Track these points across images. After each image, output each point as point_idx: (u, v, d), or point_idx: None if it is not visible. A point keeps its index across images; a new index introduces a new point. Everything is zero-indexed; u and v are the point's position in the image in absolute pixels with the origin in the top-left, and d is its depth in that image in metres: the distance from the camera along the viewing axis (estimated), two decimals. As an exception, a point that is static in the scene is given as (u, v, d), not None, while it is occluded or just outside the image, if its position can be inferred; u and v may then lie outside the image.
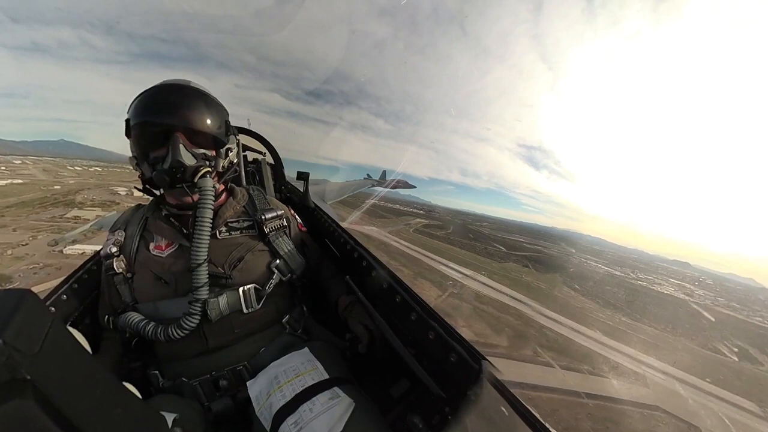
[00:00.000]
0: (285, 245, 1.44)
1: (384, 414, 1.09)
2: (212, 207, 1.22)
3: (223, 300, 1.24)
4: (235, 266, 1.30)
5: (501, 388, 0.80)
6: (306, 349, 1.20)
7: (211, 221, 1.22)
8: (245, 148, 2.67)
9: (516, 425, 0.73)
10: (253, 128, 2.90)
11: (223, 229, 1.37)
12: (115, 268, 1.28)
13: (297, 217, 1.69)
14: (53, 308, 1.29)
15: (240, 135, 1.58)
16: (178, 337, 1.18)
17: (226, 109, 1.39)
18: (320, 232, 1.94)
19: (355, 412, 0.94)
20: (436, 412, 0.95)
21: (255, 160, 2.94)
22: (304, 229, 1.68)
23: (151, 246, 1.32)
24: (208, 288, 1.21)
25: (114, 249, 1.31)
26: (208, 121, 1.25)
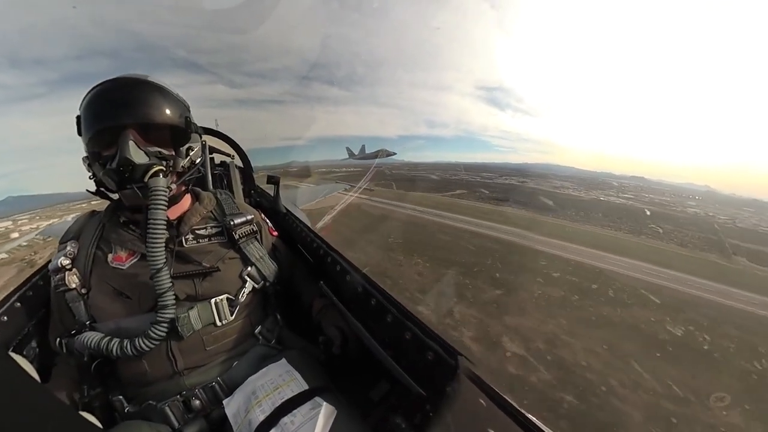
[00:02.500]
0: (256, 251, 1.39)
1: (366, 417, 1.10)
2: (165, 208, 1.12)
3: (194, 314, 1.17)
4: (205, 277, 1.23)
5: (478, 380, 0.84)
6: (283, 360, 1.16)
7: (165, 222, 1.12)
8: (213, 150, 2.56)
9: (495, 414, 0.78)
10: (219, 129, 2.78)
11: (190, 236, 1.29)
12: (67, 284, 1.15)
13: (268, 221, 1.64)
14: None
15: (207, 136, 1.51)
16: (147, 349, 1.08)
17: (186, 105, 1.30)
18: (292, 237, 1.91)
19: (337, 419, 0.94)
20: (417, 411, 0.96)
21: (223, 163, 2.83)
22: (275, 233, 1.63)
23: (110, 257, 1.20)
24: (173, 294, 1.12)
25: (66, 262, 1.18)
26: (165, 117, 1.16)
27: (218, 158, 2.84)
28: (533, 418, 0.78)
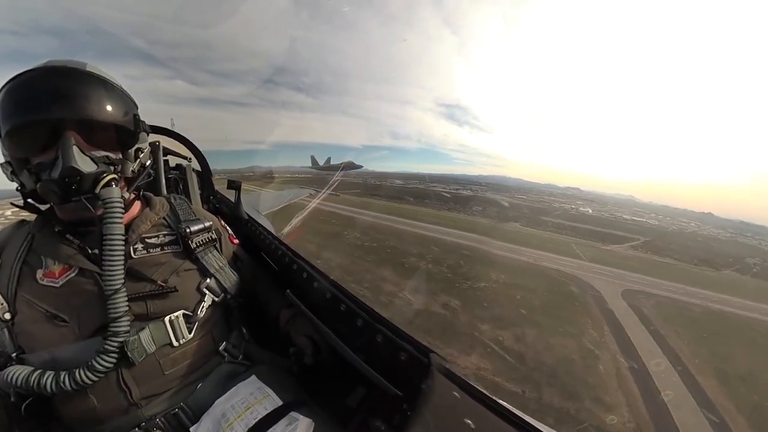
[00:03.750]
0: (216, 261, 1.29)
1: (345, 425, 1.08)
2: (121, 221, 1.00)
3: (145, 335, 1.04)
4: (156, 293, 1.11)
5: (450, 375, 0.87)
6: (253, 376, 1.10)
7: (123, 237, 1.01)
8: (167, 152, 2.35)
9: (469, 404, 0.83)
10: (175, 130, 2.58)
11: (139, 246, 1.14)
12: None
13: (228, 228, 1.54)
14: None
15: (161, 137, 1.38)
16: (90, 382, 0.93)
17: (133, 101, 1.16)
18: (255, 244, 1.82)
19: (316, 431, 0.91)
20: (395, 412, 0.96)
21: (178, 167, 2.63)
22: (236, 241, 1.54)
23: (40, 273, 1.03)
24: (128, 319, 1.00)
25: None
26: (111, 114, 1.02)
27: (173, 161, 2.63)
28: (503, 403, 0.85)
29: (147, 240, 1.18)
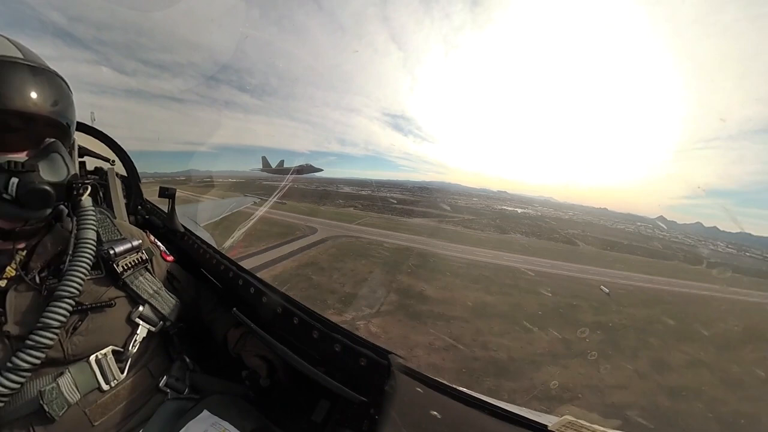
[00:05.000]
0: (148, 285, 1.14)
1: None
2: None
3: (65, 382, 0.88)
4: (75, 328, 0.93)
5: (410, 372, 0.90)
6: (205, 411, 1.00)
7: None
8: (83, 152, 1.99)
9: (432, 396, 0.88)
10: (96, 125, 2.21)
11: (46, 274, 0.94)
12: None
13: (160, 245, 1.39)
14: None
15: (76, 134, 1.17)
16: None
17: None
18: (194, 261, 1.66)
19: None
20: (363, 419, 0.96)
21: (98, 170, 2.25)
22: (171, 258, 1.39)
23: None
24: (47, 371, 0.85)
25: None
26: (52, 111, 0.88)
27: (92, 163, 2.25)
28: (462, 389, 0.90)
29: (56, 267, 0.98)
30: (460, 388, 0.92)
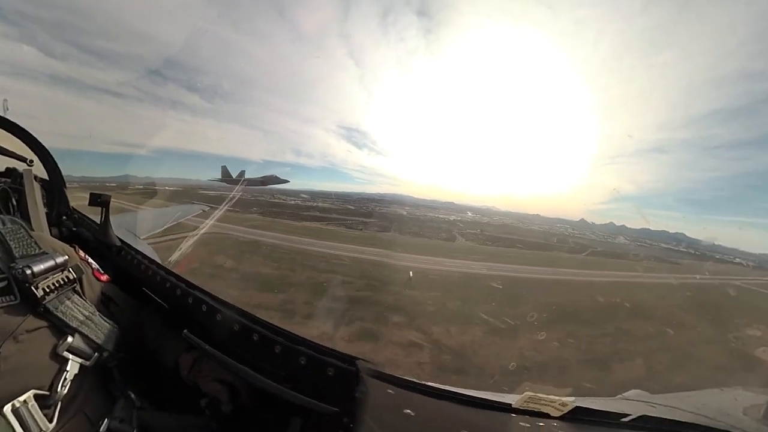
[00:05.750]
0: (78, 311, 0.99)
1: None
2: None
3: None
4: None
5: (380, 375, 0.91)
6: None
7: None
8: None
9: (404, 396, 0.89)
10: (9, 116, 1.91)
11: None
12: None
13: (92, 262, 1.25)
14: None
15: None
16: None
17: None
18: (134, 279, 1.50)
19: None
20: (338, 429, 0.94)
21: (10, 171, 1.96)
22: (105, 277, 1.25)
23: None
24: None
25: None
26: None
27: (3, 162, 1.96)
28: (433, 384, 0.92)
29: None
30: (430, 383, 0.95)
